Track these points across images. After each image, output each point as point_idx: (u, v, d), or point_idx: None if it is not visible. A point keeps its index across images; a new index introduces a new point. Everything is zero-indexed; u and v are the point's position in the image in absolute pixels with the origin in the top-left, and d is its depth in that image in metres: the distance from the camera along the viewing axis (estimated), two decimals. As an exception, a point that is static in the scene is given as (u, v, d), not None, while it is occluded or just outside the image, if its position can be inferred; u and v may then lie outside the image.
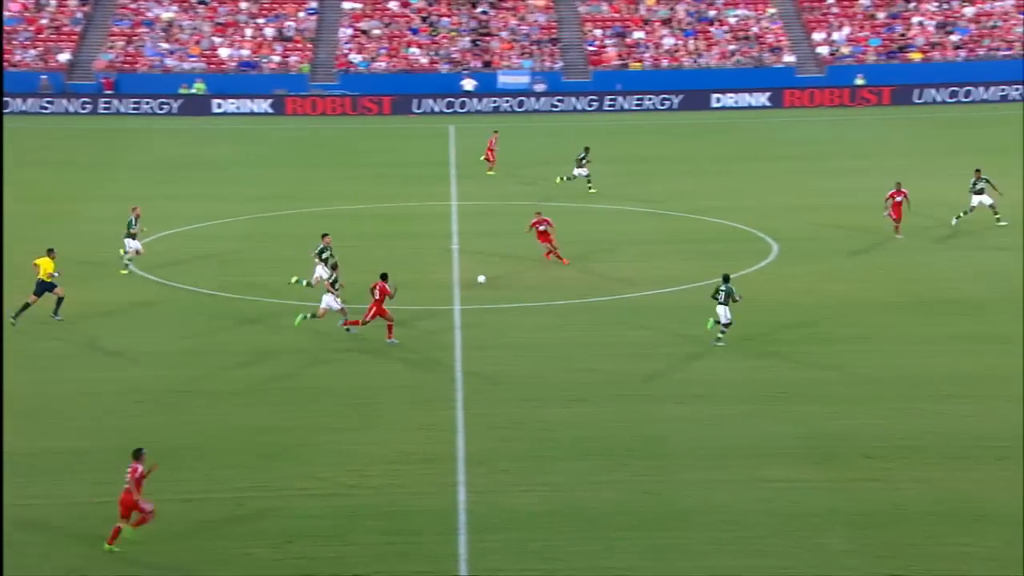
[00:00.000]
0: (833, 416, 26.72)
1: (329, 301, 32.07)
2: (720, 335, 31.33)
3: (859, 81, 77.71)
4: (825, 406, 27.31)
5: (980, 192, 42.69)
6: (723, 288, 31.26)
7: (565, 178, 50.78)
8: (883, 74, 78.26)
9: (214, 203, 48.91)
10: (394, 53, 79.71)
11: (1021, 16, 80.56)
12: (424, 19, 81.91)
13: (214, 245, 42.54)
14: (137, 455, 20.92)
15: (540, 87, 77.05)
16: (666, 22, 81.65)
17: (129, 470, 20.77)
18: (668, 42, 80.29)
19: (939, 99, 76.31)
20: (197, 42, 79.56)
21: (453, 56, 79.46)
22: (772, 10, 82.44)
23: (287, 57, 79.45)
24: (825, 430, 25.96)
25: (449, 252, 41.52)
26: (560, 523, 21.94)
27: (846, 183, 52.50)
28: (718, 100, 76.59)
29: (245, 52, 79.70)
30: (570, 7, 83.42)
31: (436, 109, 75.53)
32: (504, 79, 77.72)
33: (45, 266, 33.47)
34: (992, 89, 75.98)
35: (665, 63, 79.30)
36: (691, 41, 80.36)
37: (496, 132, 56.86)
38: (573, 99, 76.28)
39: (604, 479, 23.55)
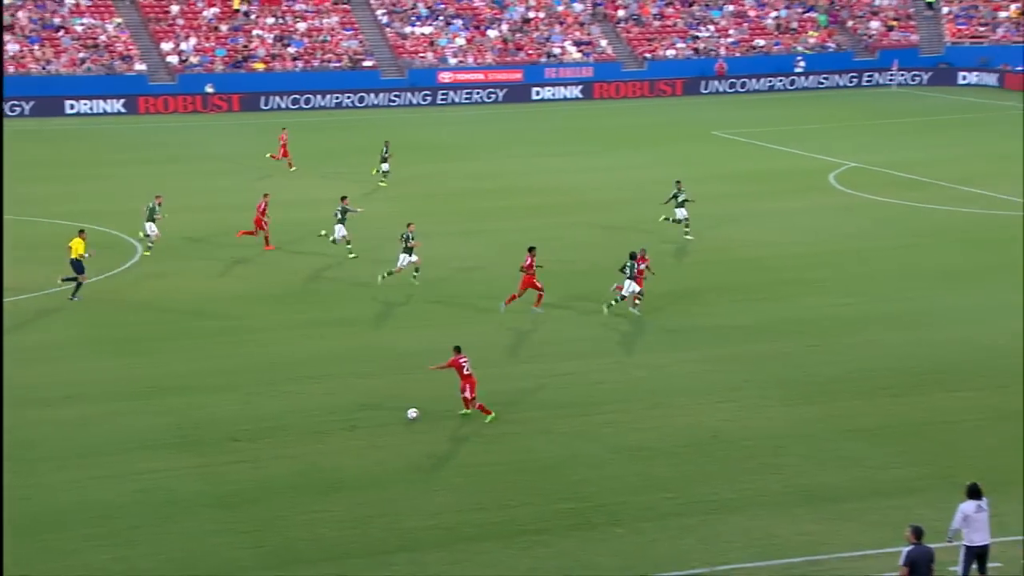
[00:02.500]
0: (201, 405, 26.67)
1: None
2: (636, 304, 32.82)
3: (209, 89, 78.06)
4: (193, 396, 27.20)
5: (683, 204, 41.26)
6: (629, 264, 32.94)
7: (379, 172, 51.60)
8: (231, 82, 79.19)
9: None
10: None
11: (346, 32, 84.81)
12: None
13: None
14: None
15: None
16: (9, 28, 77.04)
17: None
18: (12, 48, 75.84)
19: (283, 106, 78.51)
20: None
21: None
22: (118, 20, 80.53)
23: None
24: (194, 419, 25.87)
25: None
26: (-76, 542, 20.08)
27: (204, 184, 52.61)
28: (72, 107, 73.67)
29: None
30: (-93, 11, 76.25)
31: None
32: None
33: (76, 247, 34.38)
34: (328, 97, 79.42)
35: (12, 69, 74.84)
36: (37, 48, 76.50)
37: (285, 129, 56.10)
38: (-84, 106, 69.89)
39: (-29, 491, 21.86)
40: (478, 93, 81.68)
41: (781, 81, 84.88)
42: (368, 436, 25.06)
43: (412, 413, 25.78)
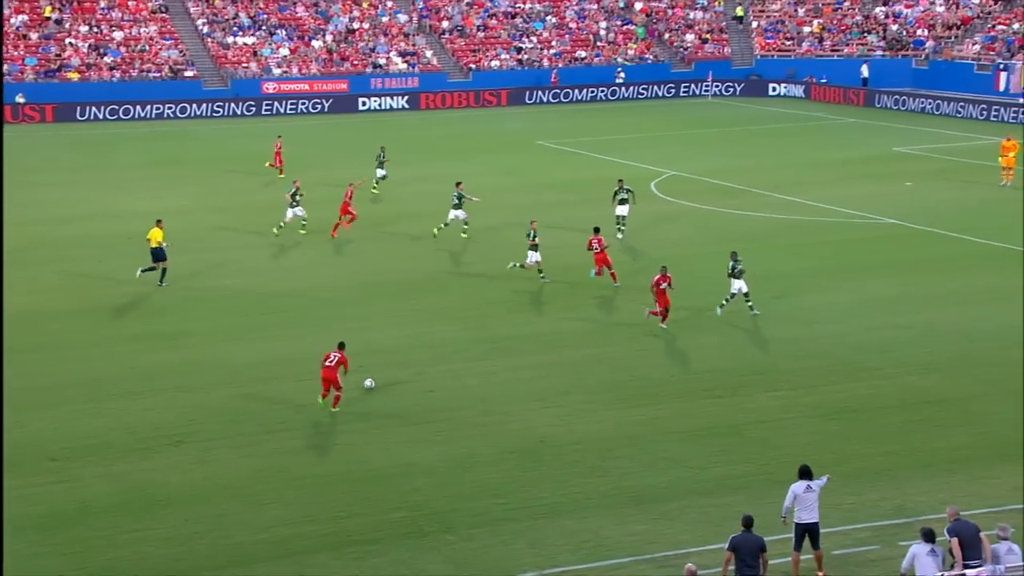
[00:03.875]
0: (18, 424, 25.65)
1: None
2: (749, 303, 33.39)
3: (20, 99, 75.34)
4: (9, 415, 26.10)
5: (624, 203, 43.07)
6: (735, 263, 33.44)
7: (375, 181, 51.78)
8: (44, 92, 76.67)
9: None
10: None
11: (166, 41, 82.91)
12: None
13: None
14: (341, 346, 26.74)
15: None
16: None
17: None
18: None
19: (100, 116, 76.31)
20: None
21: None
22: (-76, 27, 77.07)
23: None
24: (11, 439, 24.83)
25: None
26: None
27: (16, 197, 50.68)
28: None
29: None
30: None
31: None
32: None
33: (155, 236, 36.54)
34: (148, 107, 77.45)
35: None
36: None
37: (280, 137, 56.58)
38: None
39: None
40: (303, 103, 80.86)
41: (603, 92, 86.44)
42: (195, 451, 24.51)
43: (368, 383, 27.71)
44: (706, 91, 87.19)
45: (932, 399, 27.20)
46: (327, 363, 26.75)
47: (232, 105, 79.34)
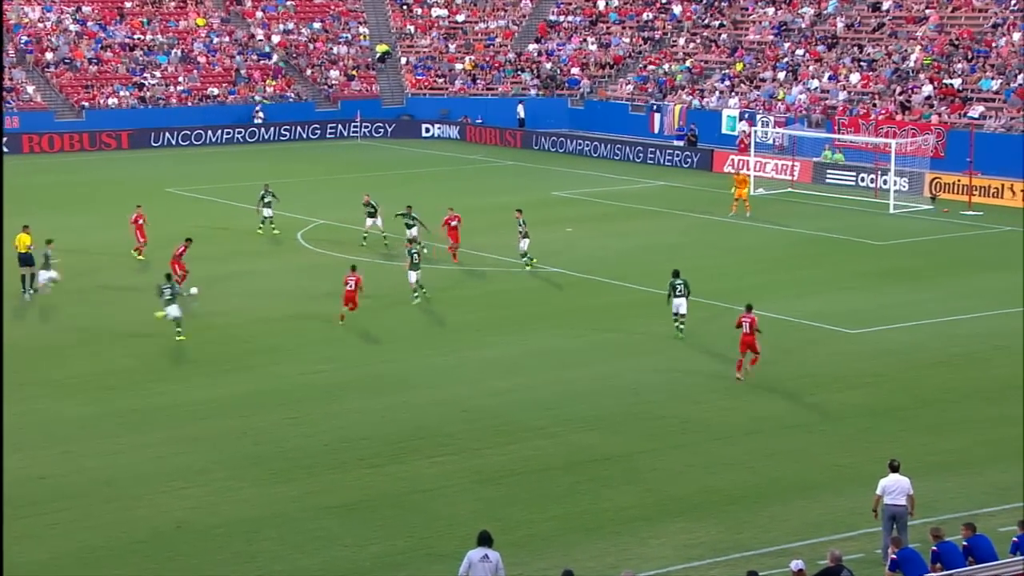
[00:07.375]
0: None
1: None
2: (680, 327, 35.64)
3: None
4: None
5: (410, 227, 47.49)
6: (678, 282, 35.48)
7: (261, 221, 53.04)
8: None
9: None
10: None
11: None
12: None
13: None
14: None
15: None
16: None
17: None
18: None
19: None
20: None
21: None
22: None
23: None
24: None
25: None
26: None
27: None
28: None
29: None
30: None
31: None
32: None
33: (22, 241, 41.93)
34: None
35: None
36: None
37: (140, 206, 49.23)
38: None
39: None
40: None
41: (240, 133, 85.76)
42: None
43: (193, 290, 32.23)
44: (355, 132, 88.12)
45: (597, 457, 28.39)
46: (347, 286, 37.34)
47: None
